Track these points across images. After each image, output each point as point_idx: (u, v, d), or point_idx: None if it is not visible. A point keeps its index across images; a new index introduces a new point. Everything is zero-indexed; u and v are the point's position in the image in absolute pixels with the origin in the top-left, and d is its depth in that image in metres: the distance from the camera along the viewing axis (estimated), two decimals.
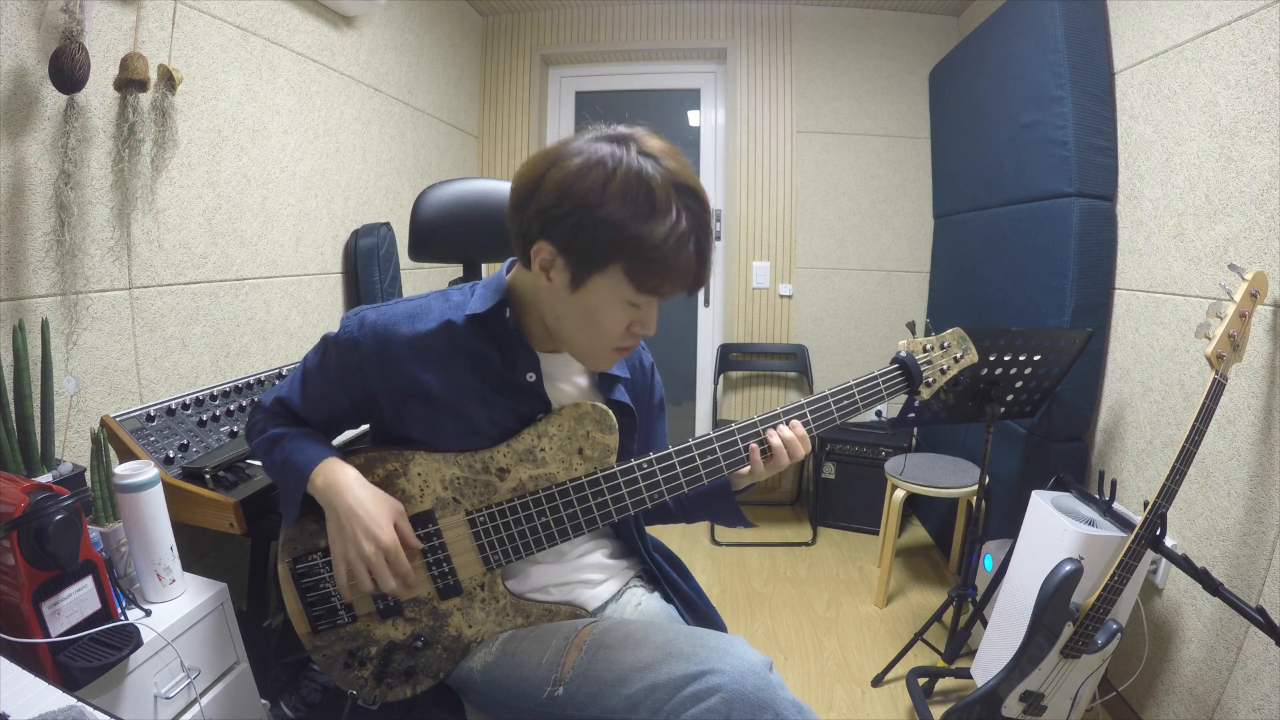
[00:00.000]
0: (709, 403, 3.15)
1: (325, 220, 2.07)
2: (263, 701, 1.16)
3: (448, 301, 0.91)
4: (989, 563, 1.91)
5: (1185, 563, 1.22)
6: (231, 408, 1.43)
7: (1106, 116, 1.83)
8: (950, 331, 1.01)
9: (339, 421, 0.96)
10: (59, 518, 0.79)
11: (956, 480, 2.16)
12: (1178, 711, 1.48)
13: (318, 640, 0.91)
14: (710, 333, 3.29)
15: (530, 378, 0.89)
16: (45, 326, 1.10)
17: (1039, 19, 1.96)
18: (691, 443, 0.88)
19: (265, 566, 1.41)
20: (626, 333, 0.83)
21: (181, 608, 1.00)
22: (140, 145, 1.35)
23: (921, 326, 1.04)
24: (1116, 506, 1.46)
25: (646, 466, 0.87)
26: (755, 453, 0.88)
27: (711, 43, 3.08)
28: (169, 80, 1.36)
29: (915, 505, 2.96)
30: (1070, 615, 1.28)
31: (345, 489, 0.84)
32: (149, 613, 0.97)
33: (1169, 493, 1.22)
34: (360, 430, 1.32)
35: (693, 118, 3.30)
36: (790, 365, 3.14)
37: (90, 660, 0.82)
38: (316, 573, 0.91)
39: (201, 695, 1.00)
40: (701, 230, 0.78)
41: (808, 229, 3.10)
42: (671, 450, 0.88)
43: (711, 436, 0.88)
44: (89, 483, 1.06)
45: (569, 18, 3.15)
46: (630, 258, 0.75)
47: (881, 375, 0.96)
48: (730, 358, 3.13)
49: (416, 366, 0.87)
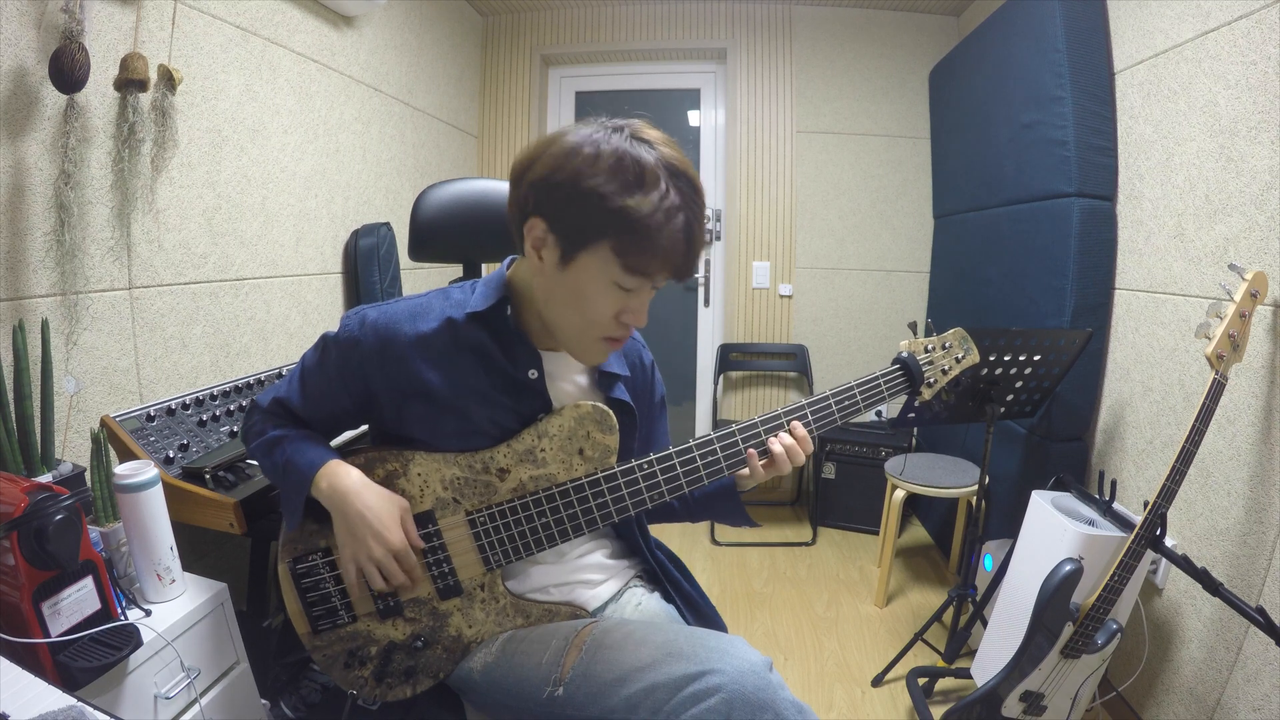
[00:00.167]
0: (709, 403, 3.15)
1: (325, 220, 2.07)
2: (263, 701, 1.16)
3: (448, 299, 0.91)
4: (989, 563, 1.91)
5: (1185, 563, 1.23)
6: (231, 408, 1.43)
7: (1106, 116, 1.83)
8: (952, 332, 1.01)
9: (339, 421, 0.96)
10: (59, 518, 0.79)
11: (956, 480, 2.16)
12: (1178, 711, 1.48)
13: (318, 640, 0.91)
14: (710, 333, 3.29)
15: (532, 374, 0.89)
16: (45, 326, 1.10)
17: (1039, 19, 1.96)
18: (692, 443, 0.88)
19: (265, 566, 1.41)
20: (616, 321, 0.83)
21: (181, 608, 1.00)
22: (140, 145, 1.35)
23: (922, 326, 1.04)
24: (1116, 506, 1.46)
25: (647, 467, 0.87)
26: (754, 458, 0.88)
27: (711, 43, 3.08)
28: (169, 80, 1.36)
29: (915, 505, 2.95)
30: (1070, 615, 1.28)
31: (352, 493, 0.84)
32: (149, 613, 0.97)
33: (1169, 493, 1.22)
34: (359, 431, 1.32)
35: (693, 118, 3.30)
36: (790, 365, 3.13)
37: (90, 660, 0.82)
38: (317, 573, 0.91)
39: (201, 695, 1.00)
40: (692, 211, 0.77)
41: (808, 229, 3.11)
42: (672, 450, 0.88)
43: (712, 437, 0.88)
44: (89, 483, 1.06)
45: (569, 18, 3.15)
46: (616, 233, 0.75)
47: (883, 375, 0.96)
48: (730, 358, 3.13)
49: (418, 365, 0.87)
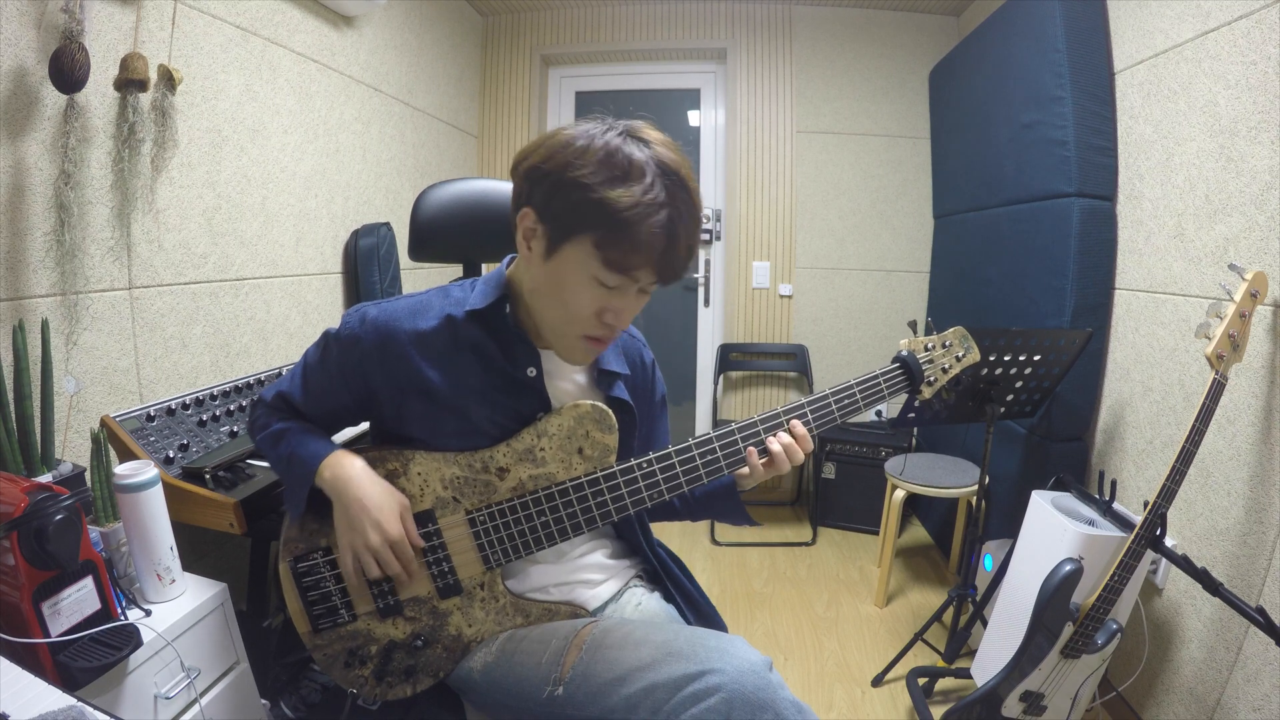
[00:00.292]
0: (709, 403, 3.15)
1: (325, 220, 2.07)
2: (263, 701, 1.16)
3: (448, 298, 0.91)
4: (989, 563, 1.91)
5: (1185, 563, 1.22)
6: (231, 408, 1.43)
7: (1106, 116, 1.83)
8: (952, 330, 1.01)
9: (340, 417, 0.96)
10: (59, 518, 0.79)
11: (956, 480, 2.16)
12: (1178, 711, 1.48)
13: (318, 639, 0.92)
14: (710, 333, 3.29)
15: (530, 373, 0.89)
16: (45, 326, 1.10)
17: (1039, 19, 1.96)
18: (691, 442, 0.88)
19: (265, 566, 1.41)
20: (598, 320, 0.82)
21: (181, 608, 1.00)
22: (140, 145, 1.35)
23: (922, 326, 1.04)
24: (1116, 506, 1.46)
25: (646, 466, 0.87)
26: (753, 456, 0.88)
27: (711, 43, 3.08)
28: (169, 80, 1.36)
29: (915, 505, 2.95)
30: (1070, 615, 1.28)
31: (354, 481, 0.85)
32: (149, 613, 0.97)
33: (1169, 493, 1.22)
34: (360, 430, 1.32)
35: (693, 118, 3.30)
36: (790, 365, 3.13)
37: (90, 660, 0.82)
38: (317, 572, 0.91)
39: (201, 695, 1.00)
40: (677, 209, 0.76)
41: (808, 229, 3.10)
42: (671, 450, 0.88)
43: (711, 436, 0.88)
44: (89, 483, 1.06)
45: (569, 18, 3.15)
46: (596, 225, 0.75)
47: (883, 374, 0.96)
48: (730, 358, 3.13)
49: (418, 362, 0.87)
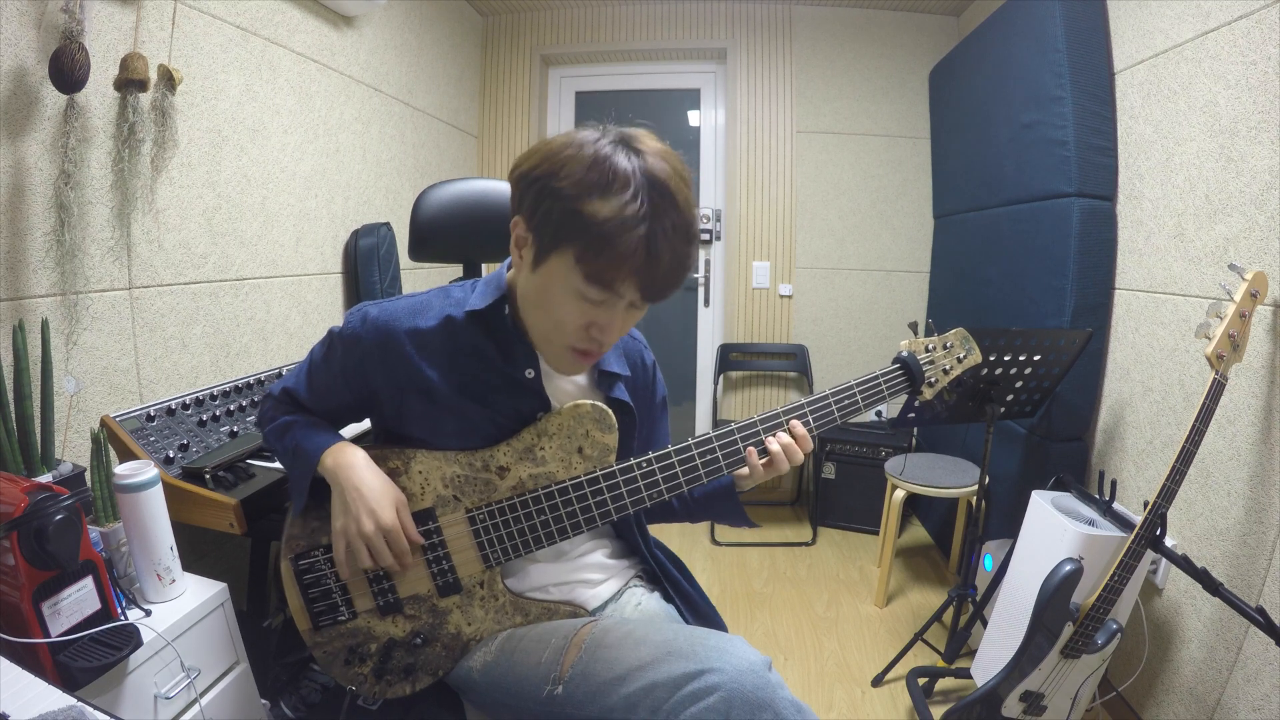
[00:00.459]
0: (709, 403, 3.15)
1: (325, 220, 2.07)
2: (263, 701, 1.16)
3: (448, 298, 0.91)
4: (989, 563, 1.91)
5: (1185, 563, 1.22)
6: (231, 408, 1.43)
7: (1106, 116, 1.83)
8: (953, 331, 1.01)
9: (342, 415, 0.98)
10: (59, 518, 0.79)
11: (956, 480, 2.16)
12: (1178, 711, 1.48)
13: (318, 637, 0.92)
14: (710, 333, 3.29)
15: (530, 374, 0.89)
16: (45, 326, 1.10)
17: (1039, 19, 1.96)
18: (691, 442, 0.88)
19: (265, 566, 1.41)
20: (584, 333, 0.81)
21: (181, 608, 1.00)
22: (140, 145, 1.35)
23: (923, 326, 1.04)
24: (1116, 506, 1.46)
25: (646, 466, 0.87)
26: (753, 456, 0.88)
27: (711, 43, 3.08)
28: (169, 80, 1.36)
29: (915, 505, 2.95)
30: (1070, 615, 1.28)
31: (353, 468, 0.86)
32: (149, 613, 0.97)
33: (1169, 493, 1.22)
34: (363, 428, 1.32)
35: (693, 118, 3.30)
36: (790, 365, 3.13)
37: (90, 660, 0.82)
38: (319, 569, 0.91)
39: (201, 695, 1.00)
40: (660, 224, 0.72)
41: (808, 229, 3.10)
42: (671, 450, 0.88)
43: (711, 436, 0.88)
44: (89, 483, 1.06)
45: (569, 18, 3.15)
46: (576, 238, 0.74)
47: (883, 375, 0.96)
48: (730, 358, 3.13)
49: (417, 362, 0.87)
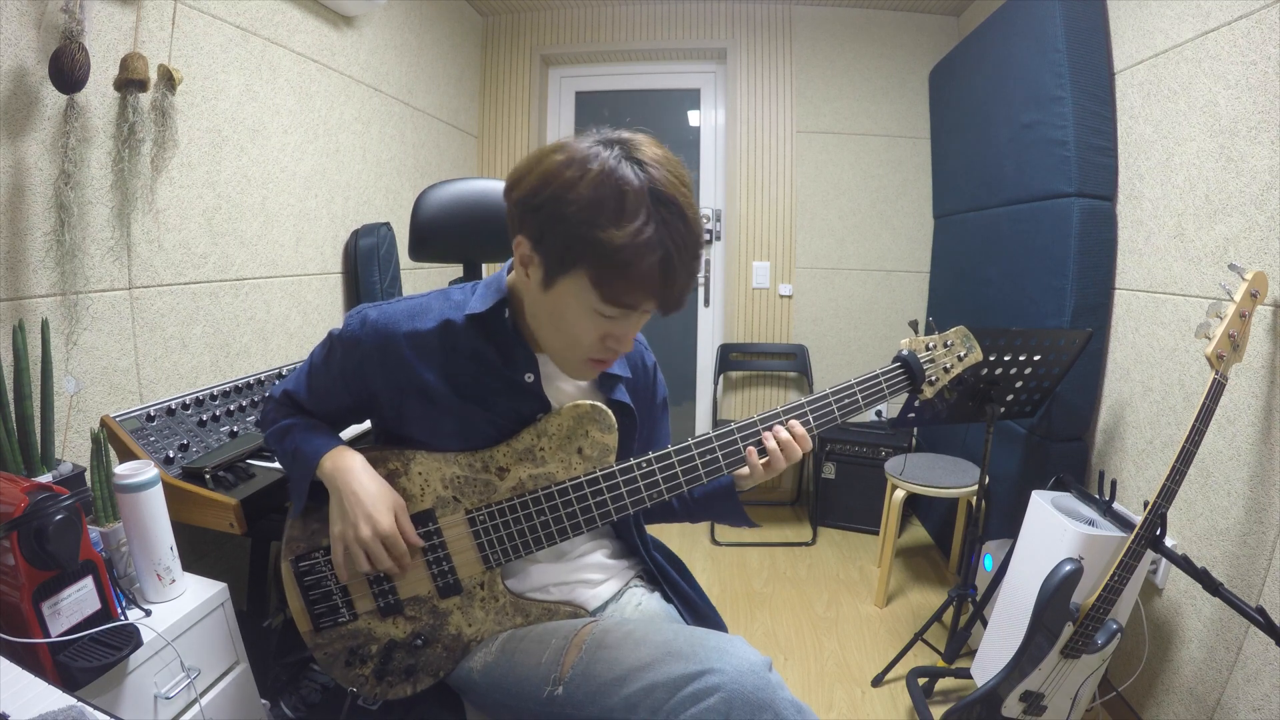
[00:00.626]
0: (709, 403, 3.15)
1: (325, 220, 2.07)
2: (263, 701, 1.16)
3: (448, 300, 0.91)
4: (989, 563, 1.91)
5: (1185, 563, 1.22)
6: (231, 408, 1.43)
7: (1106, 116, 1.83)
8: (954, 330, 1.01)
9: (342, 416, 0.98)
10: (59, 518, 0.79)
11: (956, 480, 2.16)
12: (1178, 711, 1.48)
13: (319, 638, 0.92)
14: (710, 333, 3.29)
15: (529, 378, 0.89)
16: (45, 326, 1.10)
17: (1039, 19, 1.96)
18: (691, 442, 0.88)
19: (265, 566, 1.41)
20: (600, 344, 0.81)
21: (181, 608, 1.00)
22: (140, 145, 1.35)
23: (923, 325, 1.04)
24: (1116, 506, 1.46)
25: (646, 466, 0.87)
26: (753, 455, 0.88)
27: (711, 43, 3.08)
28: (169, 80, 1.36)
29: (915, 505, 2.95)
30: (1070, 615, 1.28)
31: (351, 472, 0.86)
32: (149, 613, 0.97)
33: (1169, 493, 1.22)
34: (363, 428, 1.32)
35: (693, 118, 3.29)
36: (790, 365, 3.13)
37: (90, 660, 0.82)
38: (319, 571, 0.91)
39: (201, 695, 1.00)
40: (674, 243, 0.73)
41: (808, 229, 3.10)
42: (671, 450, 0.87)
43: (711, 436, 0.88)
44: (89, 483, 1.06)
45: (569, 18, 3.15)
46: (592, 263, 0.73)
47: (884, 374, 0.96)
48: (730, 358, 3.13)
49: (416, 364, 0.87)
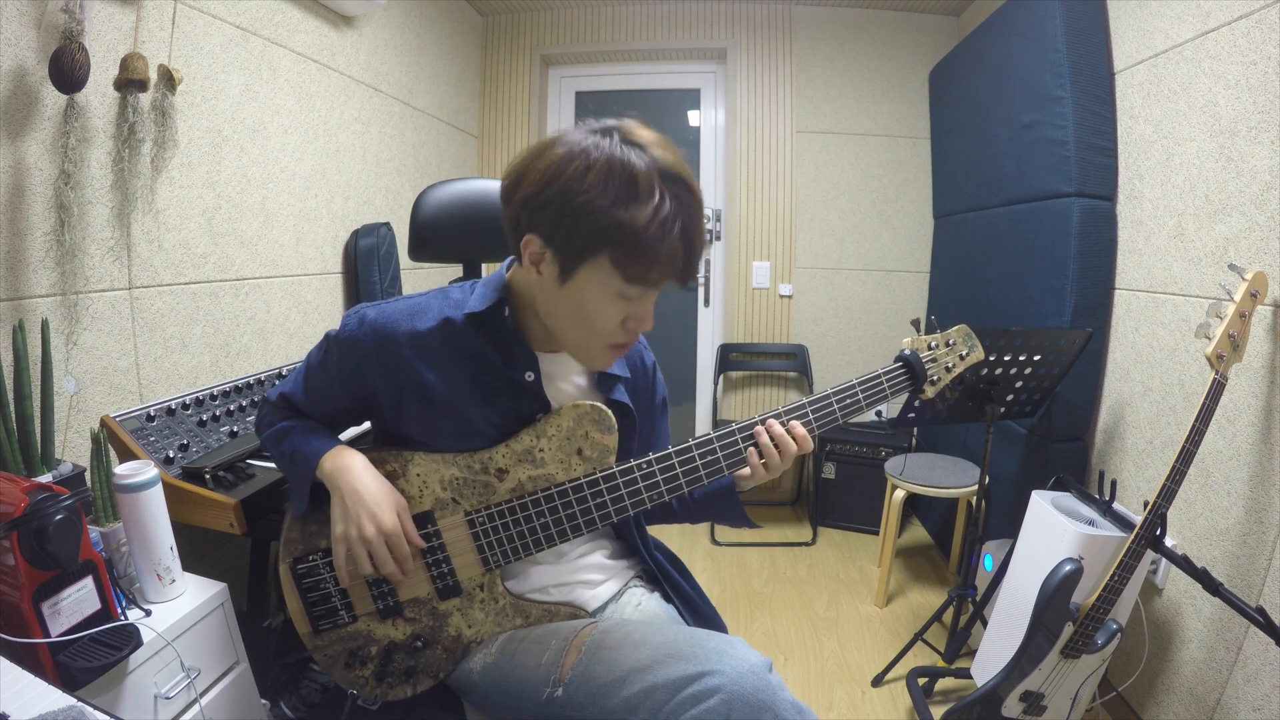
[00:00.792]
0: (709, 403, 3.15)
1: (325, 220, 2.07)
2: (263, 701, 1.16)
3: (447, 299, 0.91)
4: (989, 563, 1.91)
5: (1185, 563, 1.22)
6: (231, 408, 1.43)
7: (1106, 116, 1.83)
8: (956, 329, 1.01)
9: (341, 418, 0.97)
10: (59, 518, 0.79)
11: (956, 480, 2.16)
12: (1178, 711, 1.48)
13: (318, 640, 0.92)
14: (710, 333, 3.29)
15: (529, 377, 0.89)
16: (45, 326, 1.10)
17: (1039, 19, 1.96)
18: (691, 443, 0.88)
19: (265, 566, 1.41)
20: (621, 328, 0.82)
21: (181, 608, 1.00)
22: (140, 145, 1.35)
23: (924, 325, 1.03)
24: (1116, 506, 1.46)
25: (646, 467, 0.87)
26: (753, 456, 0.88)
27: (711, 43, 3.08)
28: (169, 80, 1.36)
29: (915, 505, 2.95)
30: (1070, 615, 1.28)
31: (352, 471, 0.85)
32: (149, 613, 0.97)
33: (1169, 493, 1.22)
34: (362, 429, 1.32)
35: (693, 118, 3.29)
36: (790, 365, 3.13)
37: (90, 660, 0.82)
38: (317, 573, 0.91)
39: (201, 695, 1.00)
40: (688, 215, 0.76)
41: (808, 229, 3.10)
42: (671, 450, 0.87)
43: (711, 436, 0.88)
44: (89, 483, 1.06)
45: (569, 18, 3.15)
46: (615, 246, 0.74)
47: (885, 374, 0.95)
48: (730, 358, 3.13)
49: (415, 364, 0.87)
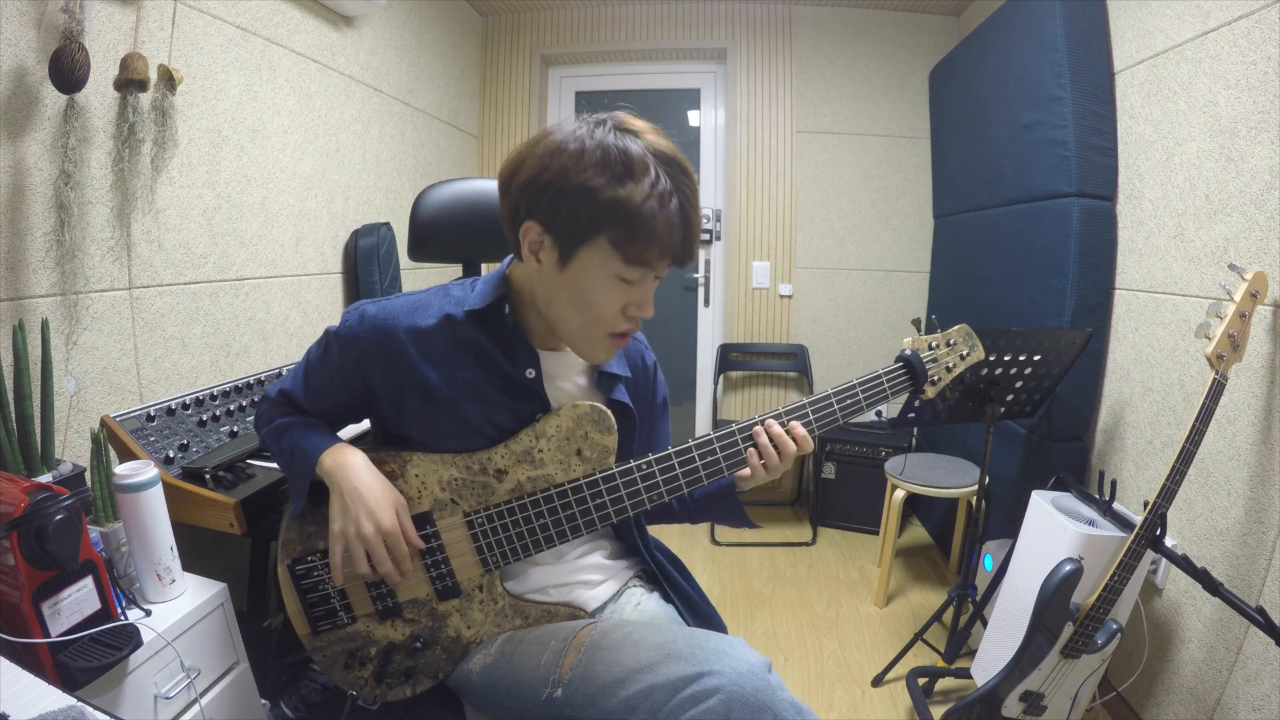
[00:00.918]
0: (709, 403, 3.15)
1: (325, 220, 2.07)
2: (263, 701, 1.16)
3: (448, 297, 0.91)
4: (989, 563, 1.91)
5: (1185, 563, 1.22)
6: (231, 408, 1.43)
7: (1106, 116, 1.83)
8: (956, 328, 1.00)
9: (340, 415, 0.97)
10: (59, 518, 0.79)
11: (956, 480, 2.16)
12: (1178, 711, 1.48)
13: (318, 641, 0.92)
14: (710, 333, 3.29)
15: (530, 374, 0.89)
16: (45, 326, 1.10)
17: (1039, 19, 1.96)
18: (691, 443, 0.88)
19: (265, 566, 1.41)
20: (622, 315, 0.82)
21: (181, 608, 1.00)
22: (140, 145, 1.35)
23: (925, 324, 1.03)
24: (1116, 506, 1.46)
25: (645, 467, 0.87)
26: (753, 456, 0.88)
27: (711, 43, 3.08)
28: (169, 80, 1.36)
29: (915, 505, 2.95)
30: (1070, 615, 1.28)
31: (352, 469, 0.85)
32: (149, 613, 0.97)
33: (1169, 493, 1.22)
34: (361, 429, 1.32)
35: (693, 118, 3.29)
36: (790, 365, 3.13)
37: (90, 660, 0.82)
38: (316, 574, 0.91)
39: (201, 695, 1.00)
40: (684, 193, 0.77)
41: (808, 229, 3.10)
42: (671, 451, 0.87)
43: (711, 437, 0.88)
44: (89, 483, 1.06)
45: (569, 18, 3.15)
46: (613, 225, 0.75)
47: (886, 374, 0.95)
48: (730, 358, 3.13)
49: (415, 361, 0.87)
